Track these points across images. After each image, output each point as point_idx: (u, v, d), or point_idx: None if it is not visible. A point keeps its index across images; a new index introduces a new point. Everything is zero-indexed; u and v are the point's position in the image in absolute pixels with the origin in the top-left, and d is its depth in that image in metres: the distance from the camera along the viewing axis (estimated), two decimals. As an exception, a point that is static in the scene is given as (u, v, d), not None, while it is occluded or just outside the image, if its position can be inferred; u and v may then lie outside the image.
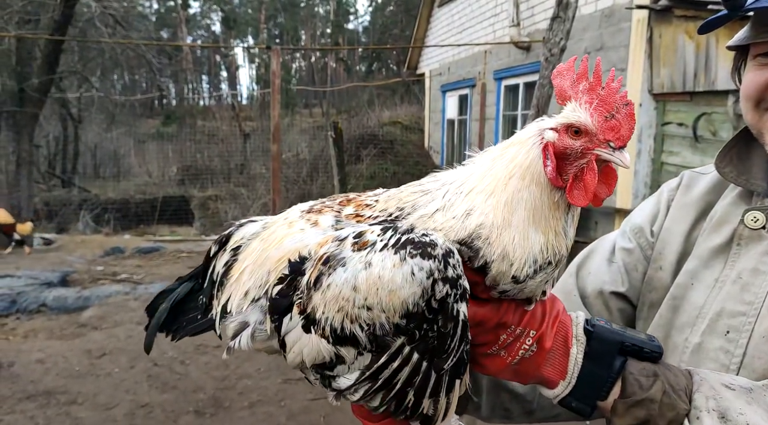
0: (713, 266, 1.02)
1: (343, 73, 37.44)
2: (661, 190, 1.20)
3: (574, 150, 0.76)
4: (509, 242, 0.75)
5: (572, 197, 0.77)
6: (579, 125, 0.76)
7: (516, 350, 0.83)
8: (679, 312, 1.03)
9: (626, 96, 0.77)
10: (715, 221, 1.05)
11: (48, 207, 15.62)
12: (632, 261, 1.15)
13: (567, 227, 0.78)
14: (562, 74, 0.81)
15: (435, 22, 15.16)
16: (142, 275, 8.52)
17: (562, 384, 0.84)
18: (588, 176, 0.76)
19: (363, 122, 18.93)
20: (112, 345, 5.75)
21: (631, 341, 0.84)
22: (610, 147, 0.76)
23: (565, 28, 5.25)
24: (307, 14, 43.83)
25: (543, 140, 0.77)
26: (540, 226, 0.76)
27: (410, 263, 0.71)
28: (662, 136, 6.76)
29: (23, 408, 4.47)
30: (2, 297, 6.87)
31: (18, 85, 10.95)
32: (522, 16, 9.89)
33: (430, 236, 0.73)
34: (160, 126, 27.80)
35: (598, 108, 0.76)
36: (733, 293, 0.97)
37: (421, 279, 0.70)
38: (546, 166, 0.76)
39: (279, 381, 5.03)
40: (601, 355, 0.83)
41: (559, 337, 0.84)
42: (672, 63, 6.40)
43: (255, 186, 16.22)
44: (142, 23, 24.91)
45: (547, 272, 0.78)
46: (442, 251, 0.71)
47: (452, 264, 0.71)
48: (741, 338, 0.93)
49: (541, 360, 0.83)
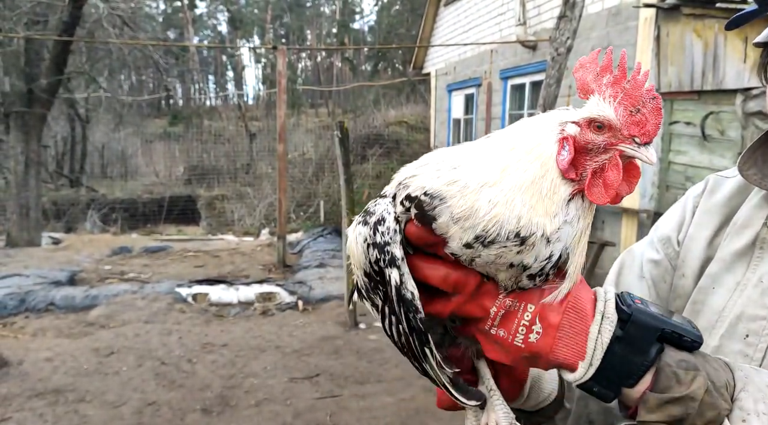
0: (735, 270, 1.00)
1: (349, 72, 37.45)
2: (687, 196, 1.18)
3: (597, 145, 0.73)
4: (483, 199, 0.70)
5: (591, 194, 0.73)
6: (602, 120, 0.72)
7: (516, 327, 0.74)
8: (700, 316, 1.01)
9: (653, 90, 0.73)
10: (738, 225, 1.03)
11: (56, 207, 15.74)
12: (660, 273, 1.13)
13: (563, 217, 0.72)
14: (585, 67, 0.77)
15: (441, 22, 15.15)
16: (149, 274, 8.57)
17: (582, 365, 0.74)
18: (611, 172, 0.73)
19: (368, 121, 18.94)
20: (119, 343, 5.79)
21: (671, 327, 0.75)
22: (635, 143, 0.72)
23: (571, 27, 5.23)
24: (313, 14, 43.90)
25: (564, 132, 0.74)
26: (531, 199, 0.71)
27: (357, 229, 0.77)
28: (670, 135, 6.72)
29: (32, 406, 4.51)
30: (11, 296, 6.92)
31: (26, 86, 11.02)
32: (528, 15, 9.87)
33: (377, 205, 0.77)
34: (167, 126, 27.92)
35: (623, 102, 0.72)
36: (753, 297, 0.95)
37: (361, 244, 0.76)
38: (560, 155, 0.72)
39: (285, 380, 5.05)
40: (636, 339, 0.74)
41: (572, 312, 0.75)
42: (679, 62, 6.36)
43: (261, 186, 16.26)
44: (149, 24, 25.01)
45: (507, 248, 0.70)
46: (375, 219, 0.75)
47: (381, 231, 0.74)
48: (760, 342, 0.92)
49: (551, 340, 0.74)
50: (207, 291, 7.39)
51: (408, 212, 0.73)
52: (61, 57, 11.25)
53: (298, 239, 11.58)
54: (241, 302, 7.23)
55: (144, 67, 23.53)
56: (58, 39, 10.64)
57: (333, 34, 42.50)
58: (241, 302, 7.23)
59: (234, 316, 6.88)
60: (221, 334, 6.17)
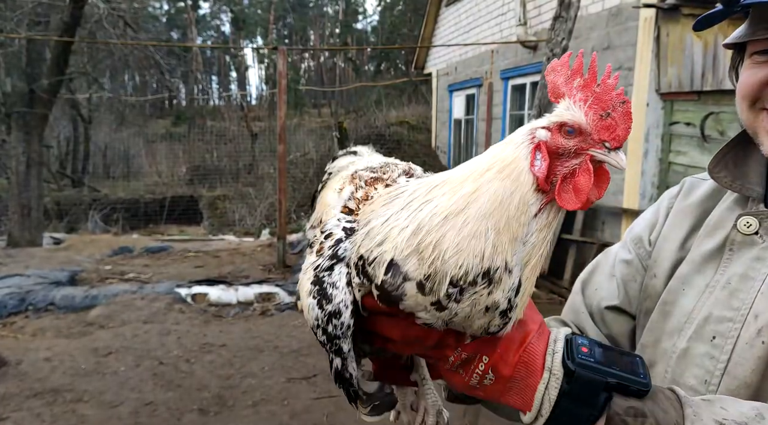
0: (705, 272, 1.00)
1: (352, 73, 37.47)
2: (662, 197, 1.18)
3: (567, 150, 0.72)
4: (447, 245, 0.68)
5: (562, 200, 0.72)
6: (573, 124, 0.71)
7: (471, 372, 0.77)
8: (670, 317, 1.02)
9: (623, 94, 0.72)
10: (710, 227, 1.03)
11: (59, 207, 15.78)
12: (630, 272, 1.13)
13: (530, 234, 0.71)
14: (556, 70, 0.76)
15: (442, 22, 15.15)
16: (149, 274, 8.58)
17: (529, 415, 0.76)
18: (582, 177, 0.71)
19: (370, 121, 18.94)
20: (118, 343, 5.80)
21: (616, 379, 0.76)
22: (605, 147, 0.71)
23: (567, 27, 5.22)
24: (316, 14, 43.92)
25: (534, 139, 0.72)
26: (495, 223, 0.68)
27: (310, 302, 0.75)
28: (669, 136, 6.71)
29: (30, 405, 4.51)
30: (12, 296, 6.94)
31: (28, 87, 11.05)
32: (529, 15, 9.86)
33: (335, 287, 0.73)
34: (170, 126, 27.98)
35: (593, 106, 0.71)
36: (721, 299, 0.95)
37: (312, 318, 0.75)
38: (533, 166, 0.71)
39: (283, 381, 5.05)
40: (582, 393, 0.75)
41: (522, 367, 0.76)
42: (679, 62, 6.35)
43: (263, 186, 16.28)
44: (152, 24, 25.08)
45: (478, 293, 0.69)
46: (330, 309, 0.73)
47: (334, 324, 0.73)
48: (726, 344, 0.92)
49: (501, 387, 0.77)
50: (206, 291, 7.39)
51: (367, 285, 0.72)
52: (62, 57, 11.28)
53: (298, 239, 11.57)
54: (240, 302, 7.23)
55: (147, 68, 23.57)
56: (59, 39, 10.66)
57: (336, 34, 42.53)
58: (240, 302, 7.23)
59: (233, 316, 6.89)
60: (220, 334, 6.18)
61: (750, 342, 0.89)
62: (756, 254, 0.94)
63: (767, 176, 1.01)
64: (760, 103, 0.95)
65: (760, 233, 0.95)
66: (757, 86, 0.94)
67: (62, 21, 10.85)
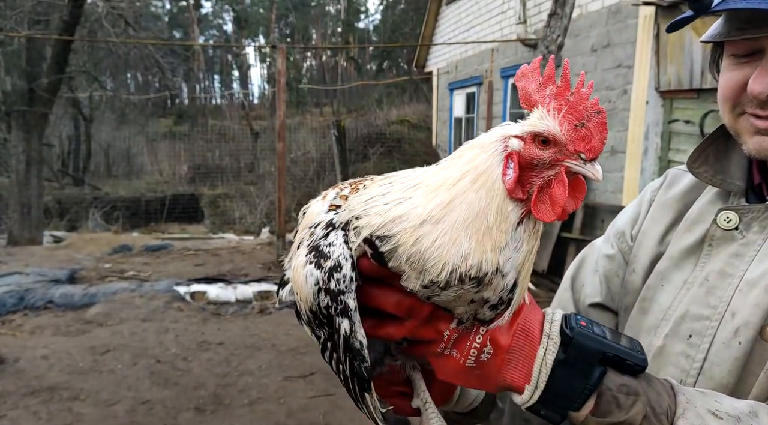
0: (683, 268, 0.98)
1: (354, 72, 37.47)
2: (645, 190, 1.17)
3: (542, 161, 0.70)
4: (429, 241, 0.68)
5: (538, 211, 0.70)
6: (547, 135, 0.70)
7: (467, 349, 0.74)
8: (648, 314, 0.99)
9: (597, 103, 0.71)
10: (690, 221, 1.01)
11: (60, 205, 15.82)
12: (613, 267, 1.11)
13: (512, 244, 0.70)
14: (527, 76, 0.74)
15: (443, 20, 15.13)
16: (148, 272, 8.59)
17: (528, 389, 0.74)
18: (557, 188, 0.70)
19: (371, 120, 18.94)
20: (116, 341, 5.80)
21: (613, 351, 0.75)
22: (581, 159, 0.70)
23: (562, 25, 5.21)
24: (318, 13, 43.92)
25: (507, 148, 0.71)
26: (477, 234, 0.68)
27: (307, 268, 0.73)
28: (669, 133, 6.68)
29: (27, 403, 4.52)
30: (11, 294, 6.95)
31: (28, 85, 11.07)
32: (529, 13, 9.84)
33: (331, 245, 0.73)
34: (172, 125, 28.01)
35: (567, 116, 0.69)
36: (698, 296, 0.93)
37: (312, 285, 0.72)
38: (505, 175, 0.70)
39: (279, 379, 5.05)
40: (578, 363, 0.74)
41: (521, 335, 0.75)
42: (679, 60, 6.32)
43: (264, 184, 16.29)
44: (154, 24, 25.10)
45: (465, 289, 0.69)
46: (330, 264, 0.71)
47: (336, 278, 0.71)
48: (703, 343, 0.90)
49: (500, 361, 0.74)
50: (205, 290, 7.39)
51: (361, 247, 0.72)
52: (62, 56, 11.30)
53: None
54: (239, 300, 7.23)
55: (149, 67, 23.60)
56: (59, 38, 10.67)
57: (338, 33, 42.53)
58: (239, 300, 7.23)
59: (231, 314, 6.89)
60: (218, 332, 6.18)
61: (726, 342, 0.87)
62: (735, 250, 0.92)
63: (749, 171, 1.00)
64: (739, 107, 0.95)
65: (740, 228, 0.93)
66: (736, 89, 0.94)
67: (62, 20, 10.87)
